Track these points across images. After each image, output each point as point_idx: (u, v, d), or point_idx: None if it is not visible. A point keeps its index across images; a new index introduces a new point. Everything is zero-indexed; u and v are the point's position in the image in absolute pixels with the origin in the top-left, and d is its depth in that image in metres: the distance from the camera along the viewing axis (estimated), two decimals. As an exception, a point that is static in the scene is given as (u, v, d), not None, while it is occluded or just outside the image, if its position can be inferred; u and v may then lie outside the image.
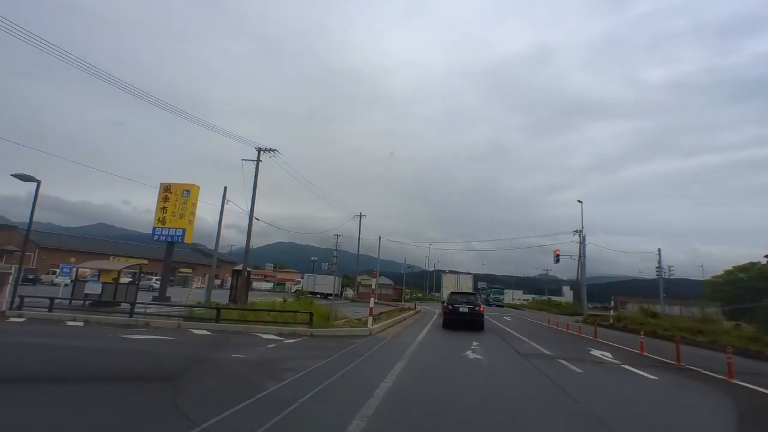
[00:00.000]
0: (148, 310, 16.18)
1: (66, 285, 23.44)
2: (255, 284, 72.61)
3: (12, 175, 15.00)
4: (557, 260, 41.25)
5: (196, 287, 66.25)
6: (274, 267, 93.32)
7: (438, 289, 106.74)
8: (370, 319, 14.36)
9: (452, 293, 20.10)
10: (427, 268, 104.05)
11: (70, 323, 13.52)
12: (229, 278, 70.04)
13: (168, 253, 29.17)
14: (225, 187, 30.96)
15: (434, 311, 36.29)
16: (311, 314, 13.74)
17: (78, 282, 21.53)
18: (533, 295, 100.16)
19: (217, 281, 74.11)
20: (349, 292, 62.44)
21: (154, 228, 28.68)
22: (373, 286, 15.53)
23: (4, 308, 14.71)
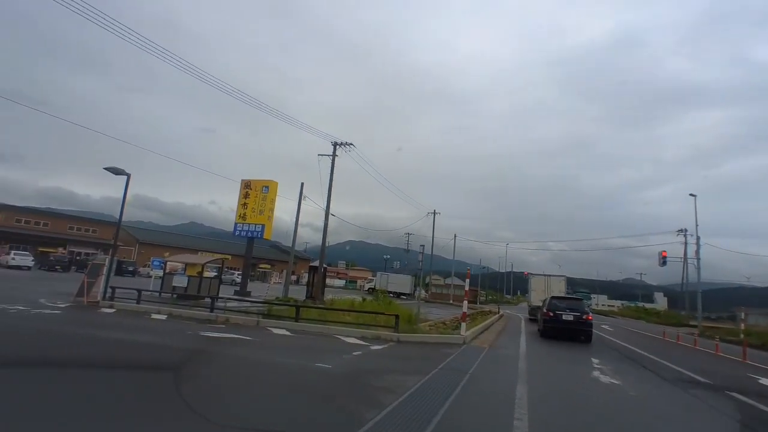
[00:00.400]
0: (229, 305, 15.80)
1: (157, 277, 24.49)
2: (328, 281, 73.66)
3: (105, 168, 15.38)
4: (664, 263, 35.96)
5: (275, 282, 68.81)
6: (346, 265, 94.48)
7: (515, 291, 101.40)
8: (464, 325, 12.51)
9: (553, 298, 17.50)
10: (501, 269, 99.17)
11: (154, 316, 13.34)
12: (305, 274, 71.95)
13: (248, 248, 29.65)
14: (302, 183, 30.83)
15: (518, 315, 33.31)
16: (397, 317, 12.22)
17: (167, 275, 22.21)
18: (622, 301, 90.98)
19: (294, 277, 76.66)
20: (421, 292, 60.75)
21: (235, 224, 29.29)
22: (467, 288, 13.60)
23: (98, 298, 15.09)
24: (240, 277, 43.30)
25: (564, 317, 15.83)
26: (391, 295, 50.78)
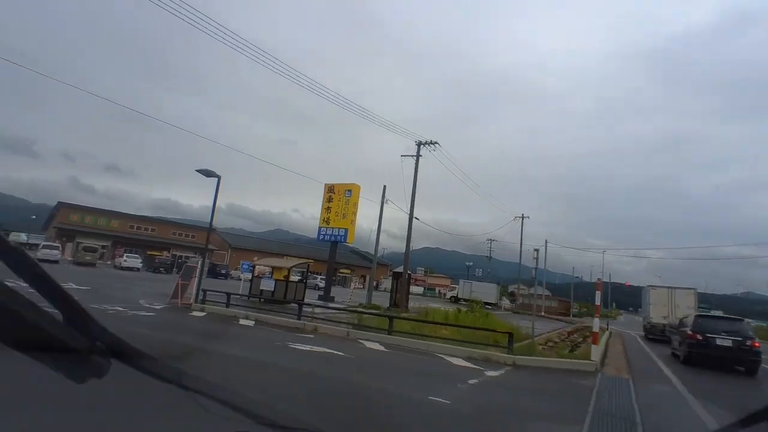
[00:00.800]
0: (316, 311, 14.91)
1: (246, 280, 24.81)
2: (406, 287, 72.32)
3: (197, 170, 15.42)
4: (824, 275, 29.02)
5: (355, 288, 69.15)
6: (425, 271, 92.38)
7: (609, 302, 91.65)
8: (596, 348, 10.10)
9: (700, 317, 14.12)
10: (591, 279, 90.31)
11: (242, 321, 12.76)
12: (384, 280, 71.36)
13: (332, 252, 29.25)
14: (384, 186, 29.88)
15: (628, 332, 28.95)
16: (511, 335, 10.16)
17: (255, 278, 22.29)
18: (749, 320, 77.63)
19: (374, 282, 76.51)
20: (505, 302, 56.90)
21: (319, 228, 29.09)
22: (597, 302, 11.03)
23: (191, 301, 15.04)
24: (323, 281, 43.71)
25: (718, 342, 12.53)
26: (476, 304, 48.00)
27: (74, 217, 50.72)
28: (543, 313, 49.38)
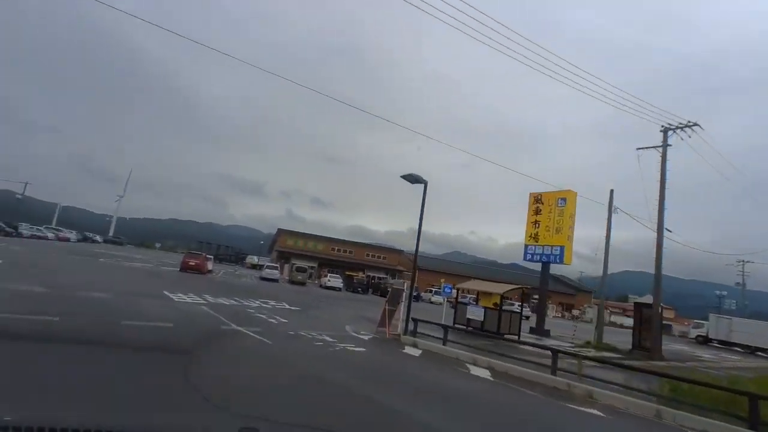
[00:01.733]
0: (542, 354, 10.48)
1: (446, 305, 21.95)
2: (613, 318, 59.54)
3: (401, 176, 13.30)
4: None
5: (553, 316, 60.30)
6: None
7: None
8: None
9: None
10: None
11: (472, 370, 9.30)
12: (588, 309, 60.43)
13: (543, 274, 24.15)
14: (611, 191, 23.48)
15: None
16: None
17: (460, 304, 19.16)
18: None
19: (575, 312, 65.69)
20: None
21: (525, 246, 24.50)
22: None
23: (398, 331, 12.55)
24: (520, 308, 38.09)
25: None
26: (740, 350, 35.02)
27: (290, 242, 58.16)
28: None
